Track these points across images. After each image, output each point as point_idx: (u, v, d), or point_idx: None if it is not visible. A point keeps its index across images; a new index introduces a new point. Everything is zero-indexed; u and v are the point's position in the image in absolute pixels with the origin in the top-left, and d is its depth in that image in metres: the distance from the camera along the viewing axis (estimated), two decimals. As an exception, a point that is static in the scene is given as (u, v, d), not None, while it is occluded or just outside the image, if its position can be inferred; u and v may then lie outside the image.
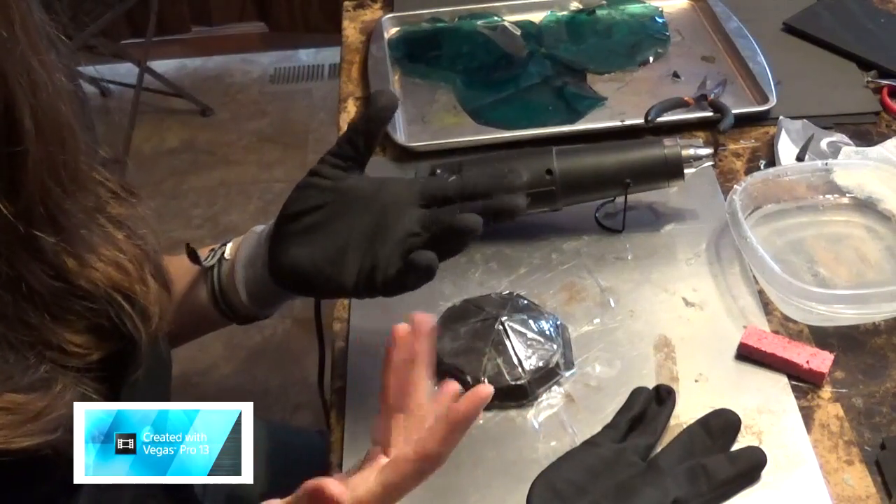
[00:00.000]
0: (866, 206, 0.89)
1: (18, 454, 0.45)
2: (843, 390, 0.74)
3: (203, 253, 0.74)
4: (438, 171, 0.85)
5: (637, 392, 0.72)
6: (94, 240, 0.52)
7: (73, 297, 0.51)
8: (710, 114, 1.00)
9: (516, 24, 1.20)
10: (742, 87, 1.07)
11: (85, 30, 2.15)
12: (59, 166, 0.48)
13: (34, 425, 0.45)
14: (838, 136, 0.96)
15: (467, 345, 0.75)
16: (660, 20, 1.20)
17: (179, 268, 0.73)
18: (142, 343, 0.55)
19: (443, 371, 0.74)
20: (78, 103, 0.52)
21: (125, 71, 2.61)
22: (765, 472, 0.67)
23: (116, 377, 0.54)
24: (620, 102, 1.06)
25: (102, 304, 0.52)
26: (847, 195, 0.90)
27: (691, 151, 0.85)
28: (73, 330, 0.51)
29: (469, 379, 0.72)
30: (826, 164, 0.90)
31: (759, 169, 0.94)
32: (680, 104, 1.01)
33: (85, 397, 0.50)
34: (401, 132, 1.01)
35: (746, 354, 0.76)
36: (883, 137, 0.97)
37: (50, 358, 0.49)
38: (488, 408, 0.73)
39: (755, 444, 0.69)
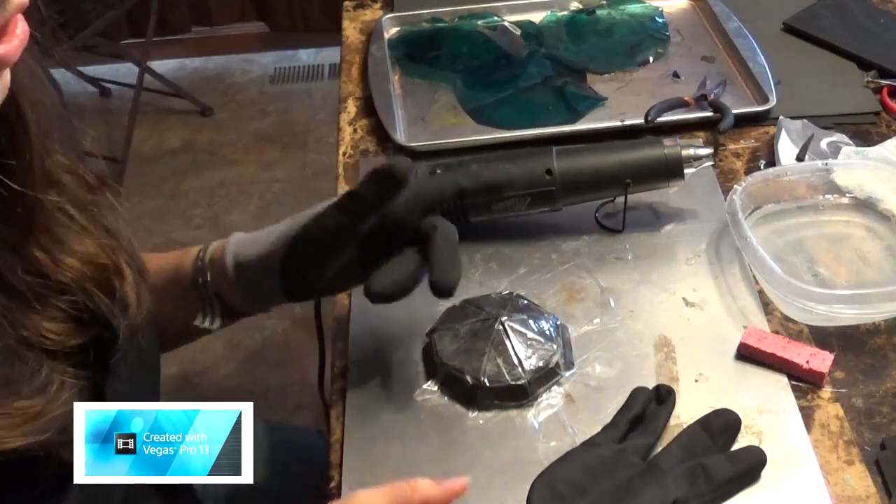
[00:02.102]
0: (866, 206, 0.89)
1: (8, 455, 0.45)
2: (843, 390, 0.74)
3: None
4: (438, 171, 0.85)
5: (637, 392, 0.72)
6: (69, 233, 0.53)
7: (50, 291, 0.51)
8: (710, 114, 1.00)
9: (516, 24, 1.20)
10: (742, 87, 1.07)
11: (85, 30, 2.15)
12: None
13: (30, 426, 0.45)
14: (838, 136, 0.96)
15: (467, 345, 0.74)
16: (660, 20, 1.20)
17: (162, 268, 0.73)
18: (121, 331, 0.55)
19: (443, 372, 0.74)
20: (57, 95, 0.52)
21: (125, 71, 2.62)
22: (765, 472, 0.67)
23: (100, 365, 0.54)
24: (620, 102, 1.06)
25: (80, 296, 0.52)
26: (847, 195, 0.90)
27: (691, 151, 0.85)
28: (50, 319, 0.51)
29: (469, 379, 0.72)
30: (826, 164, 0.89)
31: (759, 169, 0.94)
32: (680, 104, 1.01)
33: (75, 390, 0.50)
34: (401, 132, 1.01)
35: (746, 354, 0.76)
36: (883, 137, 0.97)
37: (36, 344, 0.49)
38: (488, 408, 0.73)
39: (755, 444, 0.69)
